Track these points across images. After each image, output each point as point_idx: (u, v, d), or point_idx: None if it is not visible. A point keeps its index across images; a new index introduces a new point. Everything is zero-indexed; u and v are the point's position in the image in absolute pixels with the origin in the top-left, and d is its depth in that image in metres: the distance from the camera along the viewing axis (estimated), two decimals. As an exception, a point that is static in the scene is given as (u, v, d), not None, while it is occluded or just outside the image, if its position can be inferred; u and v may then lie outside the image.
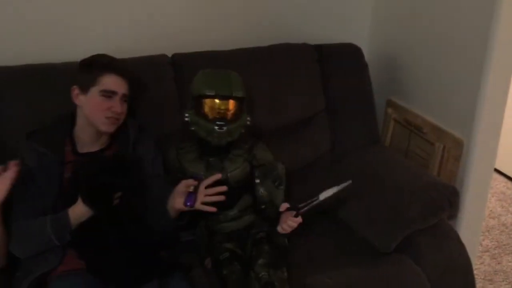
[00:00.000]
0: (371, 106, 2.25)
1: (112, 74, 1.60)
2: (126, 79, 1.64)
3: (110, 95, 1.59)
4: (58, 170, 1.56)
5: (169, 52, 2.02)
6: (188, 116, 1.68)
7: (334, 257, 1.79)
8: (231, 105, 1.66)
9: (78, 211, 1.47)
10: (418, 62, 2.20)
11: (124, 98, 1.64)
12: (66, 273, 1.47)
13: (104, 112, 1.59)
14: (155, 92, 1.91)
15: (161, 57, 2.00)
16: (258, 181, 1.68)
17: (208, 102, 1.64)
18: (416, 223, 1.77)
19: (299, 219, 1.55)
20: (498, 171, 3.30)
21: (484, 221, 2.70)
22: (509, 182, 3.28)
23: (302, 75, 2.14)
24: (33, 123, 1.66)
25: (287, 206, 1.59)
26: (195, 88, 1.68)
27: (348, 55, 2.25)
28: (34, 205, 1.52)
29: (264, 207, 1.67)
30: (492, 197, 3.08)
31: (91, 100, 1.59)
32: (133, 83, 1.68)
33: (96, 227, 1.48)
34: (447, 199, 1.82)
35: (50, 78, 1.80)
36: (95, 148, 1.66)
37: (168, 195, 1.58)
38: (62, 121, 1.66)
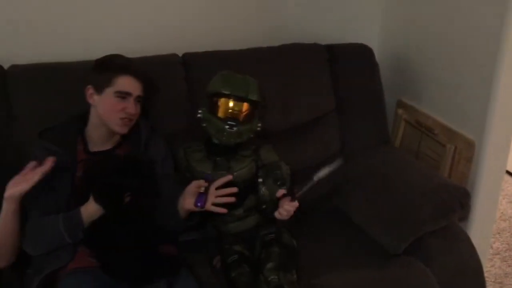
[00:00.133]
0: (382, 107, 2.24)
1: (127, 75, 1.61)
2: (141, 81, 1.65)
3: (125, 96, 1.60)
4: (70, 169, 1.58)
5: (179, 52, 2.03)
6: (201, 112, 1.70)
7: (343, 258, 1.78)
8: (244, 107, 1.68)
9: (90, 210, 1.48)
10: (429, 63, 2.19)
11: (138, 99, 1.65)
12: (76, 270, 1.48)
13: (119, 113, 1.60)
14: (166, 92, 1.91)
15: (171, 56, 2.00)
16: (261, 180, 1.69)
17: (222, 101, 1.66)
18: (426, 225, 1.76)
19: (295, 203, 1.53)
20: (510, 173, 3.27)
21: (495, 223, 2.69)
22: (520, 184, 3.25)
23: (312, 75, 2.13)
24: (45, 122, 1.67)
25: (283, 192, 1.58)
26: (211, 86, 1.70)
27: (359, 55, 2.24)
28: (47, 203, 1.54)
29: (265, 206, 1.67)
30: (503, 199, 3.05)
31: (105, 100, 1.60)
32: (147, 84, 1.69)
33: (107, 225, 1.49)
34: (458, 201, 1.80)
35: (63, 77, 1.81)
36: (107, 147, 1.68)
37: (178, 196, 1.59)
38: (74, 120, 1.68)
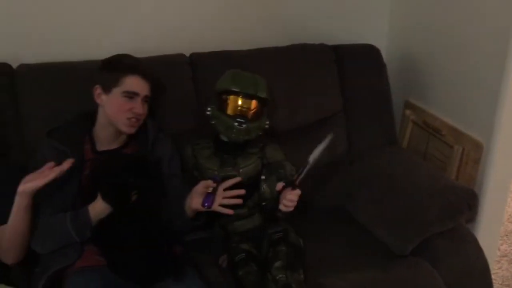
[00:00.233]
0: (389, 107, 2.24)
1: (135, 75, 1.61)
2: (149, 81, 1.65)
3: (132, 96, 1.61)
4: (77, 168, 1.58)
5: (187, 52, 2.03)
6: (210, 110, 1.72)
7: (349, 259, 1.78)
8: (253, 104, 1.69)
9: (98, 208, 1.49)
10: (438, 63, 2.18)
11: (145, 99, 1.65)
12: (83, 268, 1.49)
13: (126, 113, 1.60)
14: (173, 91, 1.92)
15: (179, 56, 2.01)
16: (263, 177, 1.70)
17: (232, 99, 1.68)
18: (433, 226, 1.76)
19: (297, 191, 1.53)
20: (517, 174, 3.25)
21: (502, 225, 2.66)
22: (528, 186, 3.22)
23: (319, 75, 2.13)
24: (54, 121, 1.68)
25: (283, 184, 1.58)
26: (221, 84, 1.71)
27: (366, 55, 2.23)
28: (54, 202, 1.55)
29: (264, 204, 1.68)
30: (511, 201, 3.03)
31: (113, 100, 1.61)
32: (154, 84, 1.70)
33: (114, 224, 1.49)
34: (465, 203, 1.80)
35: (71, 77, 1.82)
36: (114, 147, 1.68)
37: (185, 195, 1.59)
38: (82, 119, 1.68)
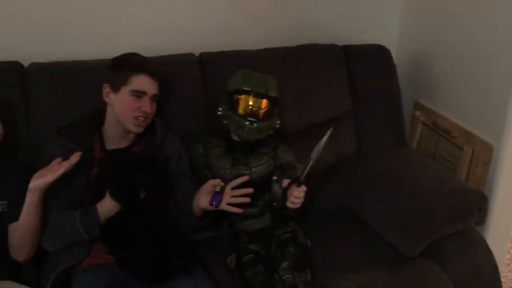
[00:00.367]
0: (398, 108, 2.23)
1: (143, 74, 1.62)
2: (157, 80, 1.66)
3: (140, 95, 1.61)
4: (86, 166, 1.59)
5: (196, 51, 2.03)
6: (221, 110, 1.74)
7: (357, 260, 1.78)
8: (264, 104, 1.71)
9: (106, 206, 1.50)
10: (448, 64, 2.16)
11: (153, 98, 1.66)
12: (91, 266, 1.50)
13: (134, 112, 1.61)
14: (182, 91, 1.92)
15: (188, 56, 2.01)
16: (275, 178, 1.72)
17: (243, 98, 1.70)
18: (443, 228, 1.75)
19: (303, 187, 1.54)
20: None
21: (512, 227, 2.64)
22: (539, 188, 3.19)
23: (329, 75, 2.13)
24: (64, 120, 1.68)
25: (288, 181, 1.59)
26: (232, 84, 1.73)
27: (376, 56, 2.23)
28: (63, 200, 1.56)
29: (275, 204, 1.70)
30: (521, 203, 3.00)
31: (121, 99, 1.61)
32: (163, 83, 1.70)
33: (123, 222, 1.50)
34: (475, 205, 1.78)
35: (82, 75, 1.83)
36: (123, 145, 1.69)
37: (194, 194, 1.60)
38: (92, 118, 1.69)
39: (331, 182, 2.08)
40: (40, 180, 1.46)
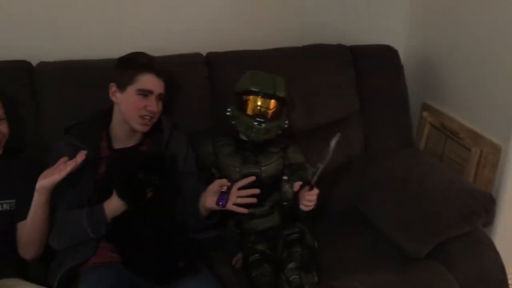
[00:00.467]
0: (406, 109, 2.22)
1: (149, 73, 1.62)
2: (163, 79, 1.66)
3: (147, 94, 1.61)
4: (93, 165, 1.60)
5: (203, 51, 2.04)
6: (230, 110, 1.75)
7: (363, 261, 1.78)
8: (272, 104, 1.72)
9: (113, 205, 1.50)
10: (456, 65, 2.15)
11: (160, 97, 1.66)
12: (98, 265, 1.50)
13: (140, 111, 1.61)
14: (189, 90, 1.93)
15: (195, 55, 2.02)
16: (285, 178, 1.73)
17: (251, 99, 1.71)
18: (450, 229, 1.74)
19: (315, 191, 1.58)
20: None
21: (520, 229, 2.63)
22: (547, 190, 3.17)
23: (336, 76, 2.13)
24: (72, 119, 1.69)
25: (300, 183, 1.62)
26: (240, 84, 1.74)
27: (384, 56, 2.22)
28: (70, 199, 1.56)
29: (285, 204, 1.71)
30: (529, 205, 2.99)
31: (127, 98, 1.62)
32: (169, 82, 1.70)
33: (129, 221, 1.50)
34: (483, 206, 1.77)
35: (90, 74, 1.84)
36: (130, 144, 1.69)
37: (200, 194, 1.60)
38: (100, 117, 1.70)
39: (339, 183, 2.08)
40: (47, 179, 1.46)
